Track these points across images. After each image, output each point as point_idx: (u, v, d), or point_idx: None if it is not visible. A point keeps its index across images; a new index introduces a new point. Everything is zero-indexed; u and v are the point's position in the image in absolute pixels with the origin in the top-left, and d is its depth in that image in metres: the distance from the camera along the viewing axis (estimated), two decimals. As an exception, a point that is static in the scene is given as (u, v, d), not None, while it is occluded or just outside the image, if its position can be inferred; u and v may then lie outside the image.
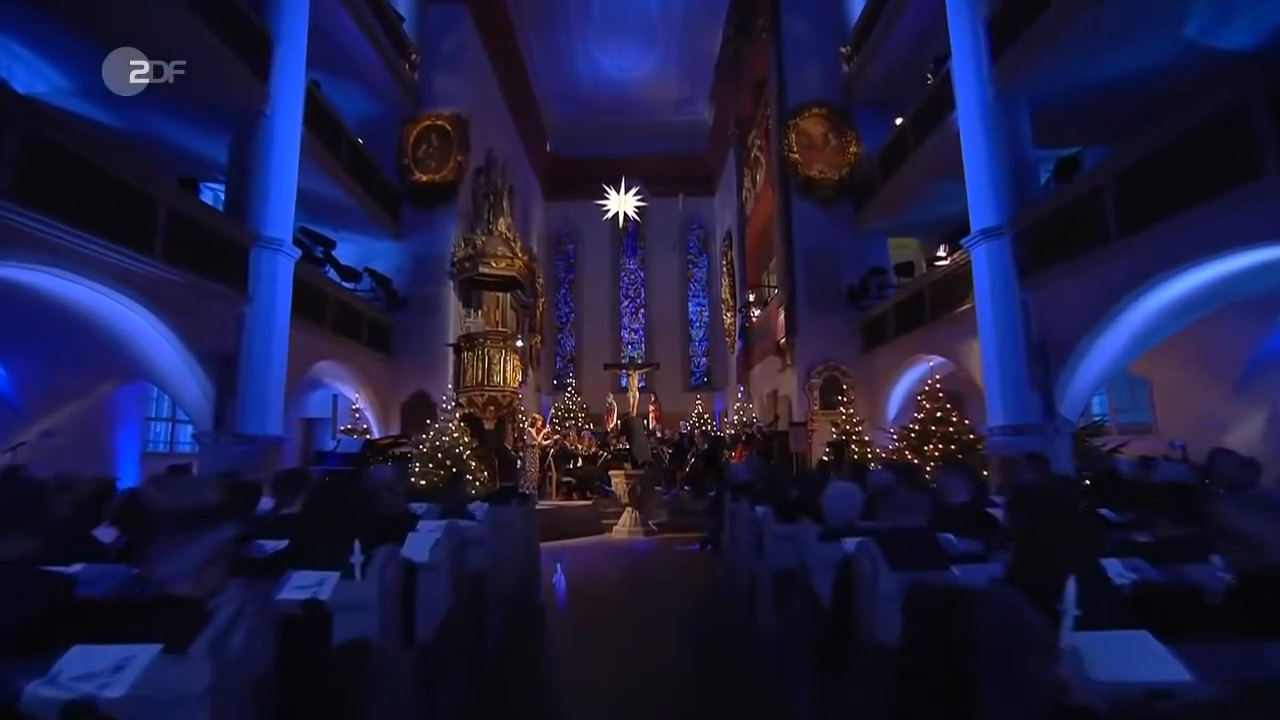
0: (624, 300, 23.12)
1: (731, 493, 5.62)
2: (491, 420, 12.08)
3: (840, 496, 3.16)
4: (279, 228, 8.46)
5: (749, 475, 6.04)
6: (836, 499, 3.15)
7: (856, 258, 13.33)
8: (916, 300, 10.88)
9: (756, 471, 6.06)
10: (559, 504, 10.87)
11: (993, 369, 8.13)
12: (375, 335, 12.21)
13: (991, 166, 8.22)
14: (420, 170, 13.41)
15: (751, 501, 4.85)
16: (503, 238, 12.35)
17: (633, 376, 18.12)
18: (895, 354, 11.92)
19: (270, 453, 8.24)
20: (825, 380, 12.86)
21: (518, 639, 4.87)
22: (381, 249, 13.20)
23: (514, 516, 4.70)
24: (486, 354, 11.79)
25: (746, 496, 5.34)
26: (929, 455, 10.40)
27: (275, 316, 8.35)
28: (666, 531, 10.73)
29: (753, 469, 6.13)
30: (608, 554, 9.02)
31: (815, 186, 13.45)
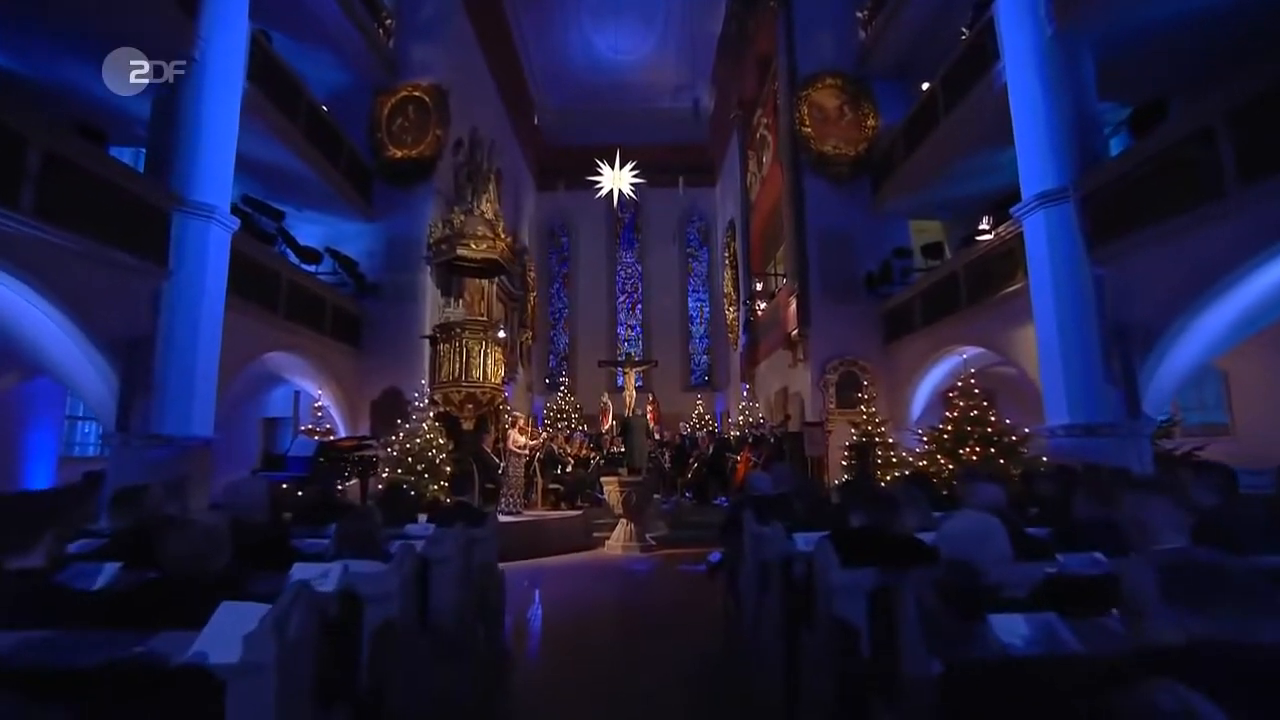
0: (620, 295, 21.78)
1: (755, 511, 4.26)
2: (470, 420, 10.72)
3: (974, 531, 1.83)
4: (212, 192, 7.10)
5: (777, 487, 4.68)
6: (973, 531, 1.81)
7: (875, 241, 12.02)
8: (949, 284, 9.55)
9: (787, 483, 4.69)
10: (544, 515, 9.53)
11: (1053, 359, 6.80)
12: (341, 325, 10.85)
13: (1050, 120, 6.90)
14: (395, 145, 12.06)
15: (788, 527, 3.50)
16: (483, 218, 11.00)
17: (629, 375, 16.71)
18: (922, 346, 10.59)
19: (197, 457, 6.88)
20: (842, 376, 11.53)
21: (467, 702, 3.51)
22: (350, 231, 11.84)
23: (451, 550, 3.34)
24: (464, 345, 10.42)
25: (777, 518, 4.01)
26: (965, 459, 9.09)
27: (205, 296, 6.98)
28: (666, 547, 9.37)
29: (782, 479, 4.76)
30: (597, 576, 7.66)
31: (829, 163, 12.12)
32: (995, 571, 1.76)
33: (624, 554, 8.94)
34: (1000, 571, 1.78)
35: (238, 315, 8.08)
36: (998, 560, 1.76)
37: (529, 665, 4.56)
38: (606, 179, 11.42)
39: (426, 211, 11.82)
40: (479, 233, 10.78)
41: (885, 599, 2.09)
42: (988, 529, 1.79)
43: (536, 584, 7.14)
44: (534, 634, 5.42)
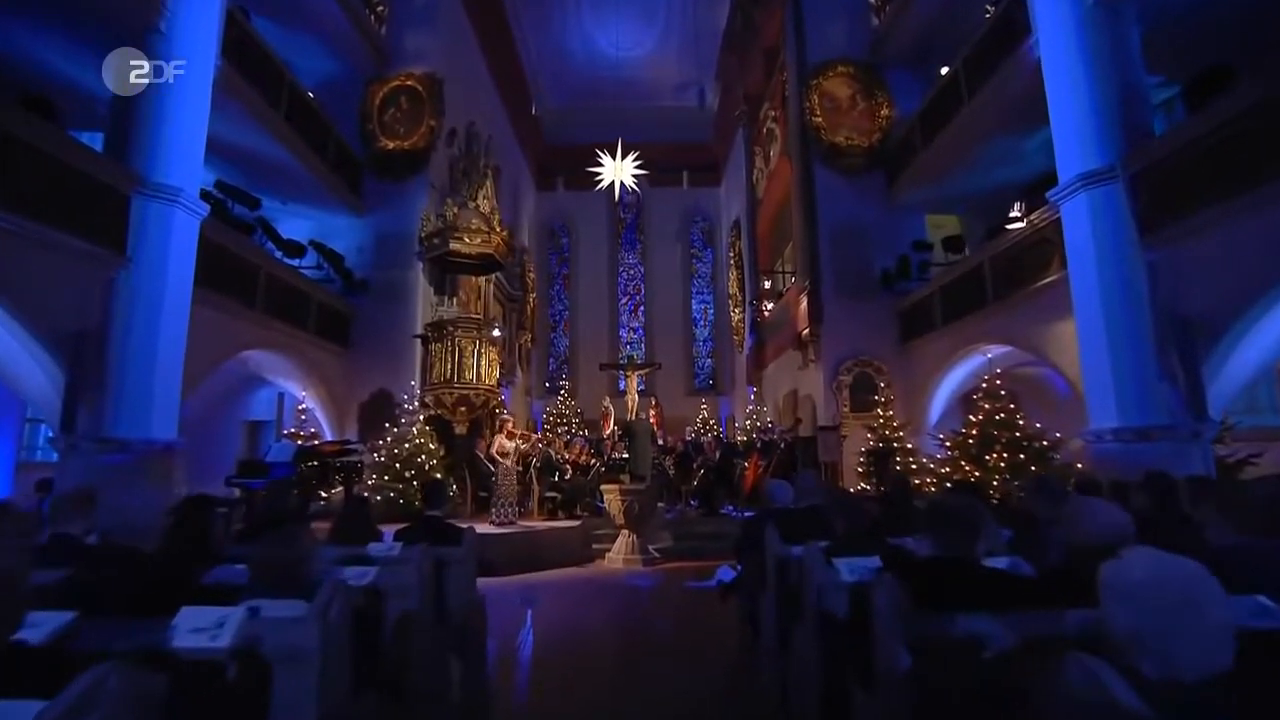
0: (622, 297, 21.15)
1: (780, 528, 3.60)
2: (463, 424, 10.08)
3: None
4: (178, 174, 6.49)
5: (802, 499, 4.00)
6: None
7: (890, 236, 11.38)
8: (973, 279, 8.90)
9: (815, 494, 4.01)
10: (540, 525, 8.86)
11: (1098, 356, 6.13)
12: (328, 323, 10.22)
13: (1092, 95, 6.26)
14: (387, 136, 11.47)
15: (829, 552, 2.84)
16: (478, 211, 10.39)
17: (631, 378, 16.13)
18: (942, 345, 9.93)
19: (158, 463, 6.24)
20: (856, 377, 10.87)
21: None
22: (339, 226, 11.24)
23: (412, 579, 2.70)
24: (457, 345, 9.79)
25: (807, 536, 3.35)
26: (991, 465, 8.43)
27: (168, 287, 6.36)
28: (670, 560, 8.68)
29: (809, 490, 4.07)
30: (595, 594, 6.97)
31: (841, 154, 11.50)
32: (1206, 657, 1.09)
33: (625, 568, 8.26)
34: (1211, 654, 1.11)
35: (210, 310, 7.48)
36: (1217, 639, 1.09)
37: (516, 706, 3.90)
38: (607, 170, 10.81)
39: (419, 206, 11.22)
40: (473, 226, 10.17)
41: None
42: (1194, 586, 1.12)
43: (530, 602, 6.47)
44: (523, 665, 4.75)
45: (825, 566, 2.77)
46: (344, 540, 3.63)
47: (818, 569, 2.77)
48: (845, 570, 2.73)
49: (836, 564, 2.77)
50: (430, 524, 3.73)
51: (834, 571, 2.76)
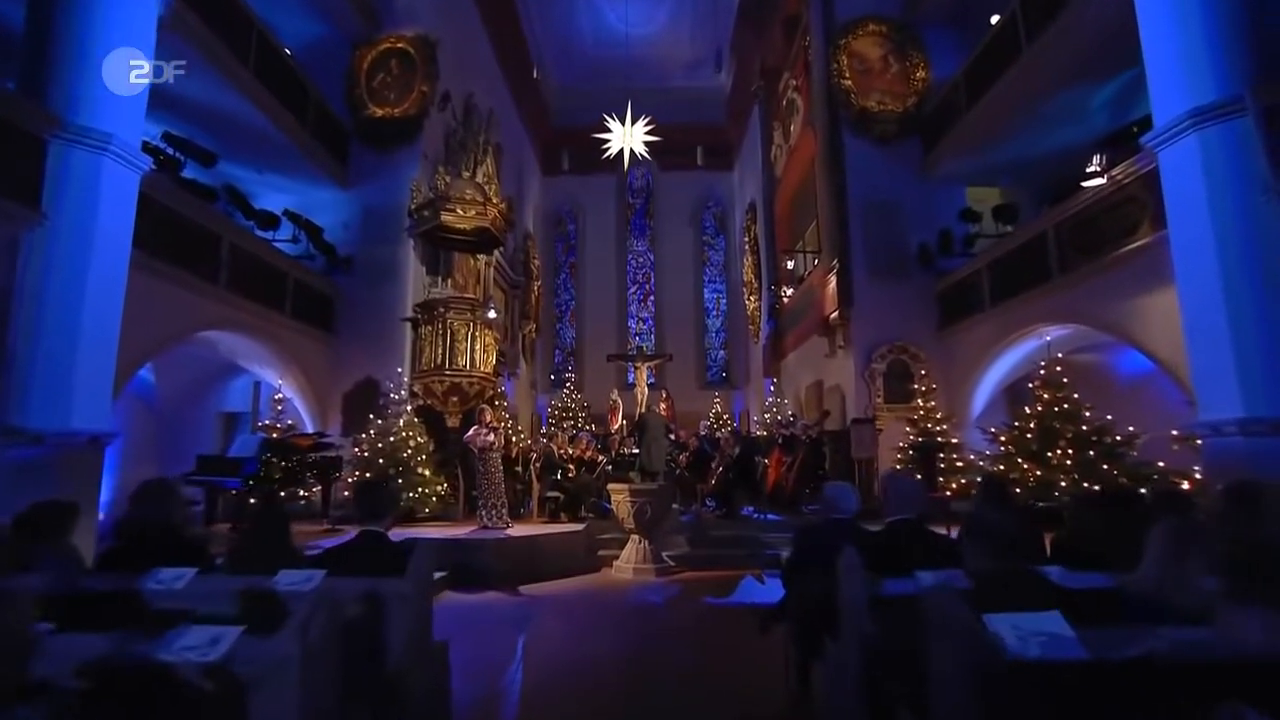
0: (631, 286, 20.01)
1: (865, 553, 2.47)
2: (456, 416, 9.01)
3: None
4: (108, 118, 5.42)
5: (899, 507, 2.79)
6: None
7: (926, 211, 10.22)
8: (1032, 251, 7.73)
9: (917, 503, 2.80)
10: (541, 529, 7.77)
11: (1214, 331, 4.95)
12: (307, 305, 9.18)
13: (1206, 11, 5.07)
14: (375, 103, 10.41)
15: (975, 603, 1.71)
16: (472, 181, 9.30)
17: (641, 370, 15.00)
18: (989, 329, 8.77)
19: (82, 461, 5.19)
20: (890, 365, 9.72)
21: None
22: (323, 199, 10.18)
23: (290, 648, 1.61)
24: (448, 327, 8.73)
25: (911, 565, 2.26)
26: (1054, 463, 7.28)
27: (96, 251, 5.30)
28: (686, 568, 7.58)
29: (906, 496, 2.83)
30: (601, 613, 5.87)
31: (873, 120, 10.33)
32: None
33: (635, 579, 7.16)
34: None
35: (161, 282, 6.45)
36: None
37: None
38: (616, 138, 9.68)
39: (410, 178, 10.12)
40: (467, 196, 9.08)
41: None
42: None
43: (522, 624, 5.38)
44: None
45: (975, 626, 1.65)
46: (246, 566, 2.55)
47: (964, 632, 1.65)
48: (1012, 637, 1.61)
49: (993, 625, 1.65)
50: (368, 543, 2.64)
51: (986, 634, 1.64)
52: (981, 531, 1.85)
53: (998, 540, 1.84)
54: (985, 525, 1.85)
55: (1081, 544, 2.73)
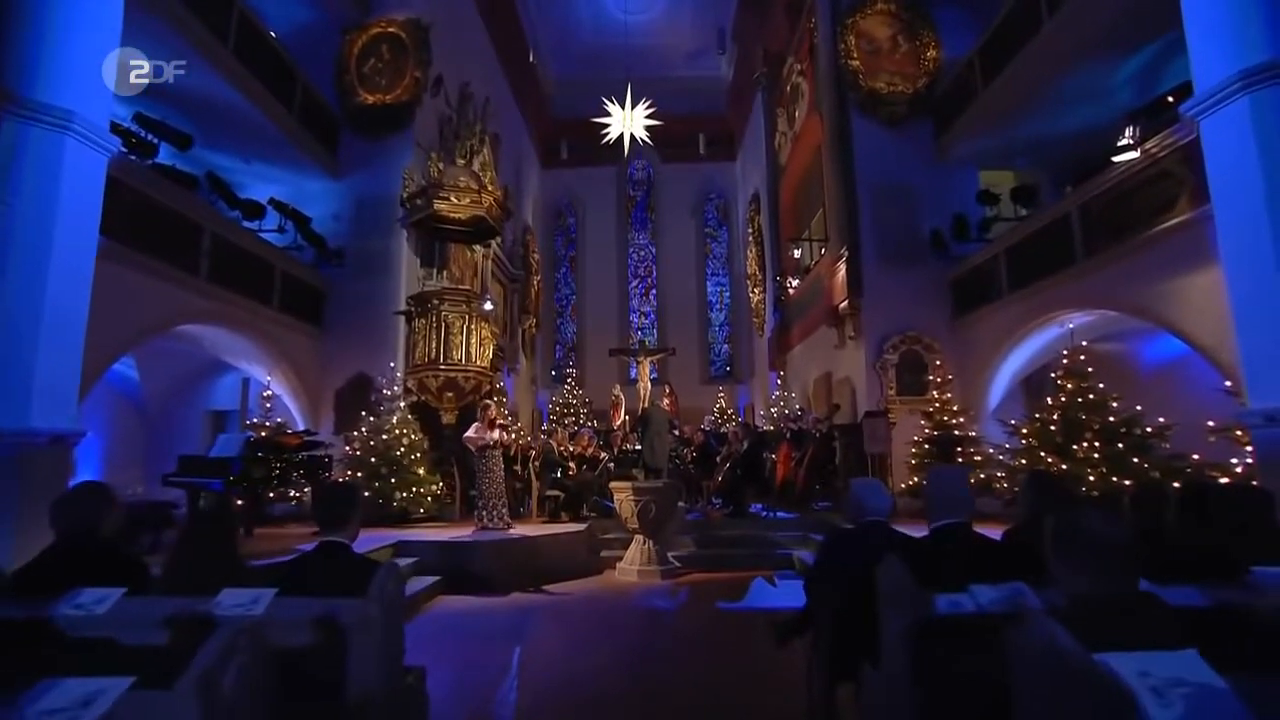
0: (632, 280, 19.61)
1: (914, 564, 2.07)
2: (452, 412, 8.62)
3: None
4: (70, 94, 5.02)
5: (945, 510, 2.33)
6: None
7: (938, 195, 9.78)
8: (1054, 233, 7.31)
9: (966, 504, 2.36)
10: (541, 530, 7.38)
11: (1266, 312, 4.54)
12: (296, 298, 8.80)
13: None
14: (366, 90, 9.99)
15: (1087, 636, 1.30)
16: (467, 168, 8.89)
17: (643, 365, 14.76)
18: (1007, 317, 8.35)
19: (43, 461, 4.80)
20: (903, 356, 9.31)
21: None
22: (313, 190, 9.78)
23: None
24: (442, 320, 8.34)
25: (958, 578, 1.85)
26: (1079, 456, 6.86)
27: (58, 237, 4.90)
28: (694, 569, 7.20)
29: (952, 495, 2.37)
30: (604, 620, 5.48)
31: (882, 102, 9.90)
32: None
33: (640, 582, 6.78)
34: None
35: (134, 272, 6.06)
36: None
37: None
38: (616, 121, 9.29)
39: (402, 167, 9.71)
40: (461, 183, 8.67)
41: None
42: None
43: (519, 633, 4.99)
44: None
45: (1092, 667, 1.25)
46: (182, 584, 2.16)
47: (1077, 677, 1.25)
48: (1145, 691, 1.21)
49: (1117, 670, 1.25)
50: (326, 557, 2.25)
51: (1104, 678, 1.23)
52: (1084, 544, 1.45)
53: (1108, 555, 1.44)
54: (1089, 536, 1.45)
55: (1162, 549, 2.33)
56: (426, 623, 5.34)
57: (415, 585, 5.96)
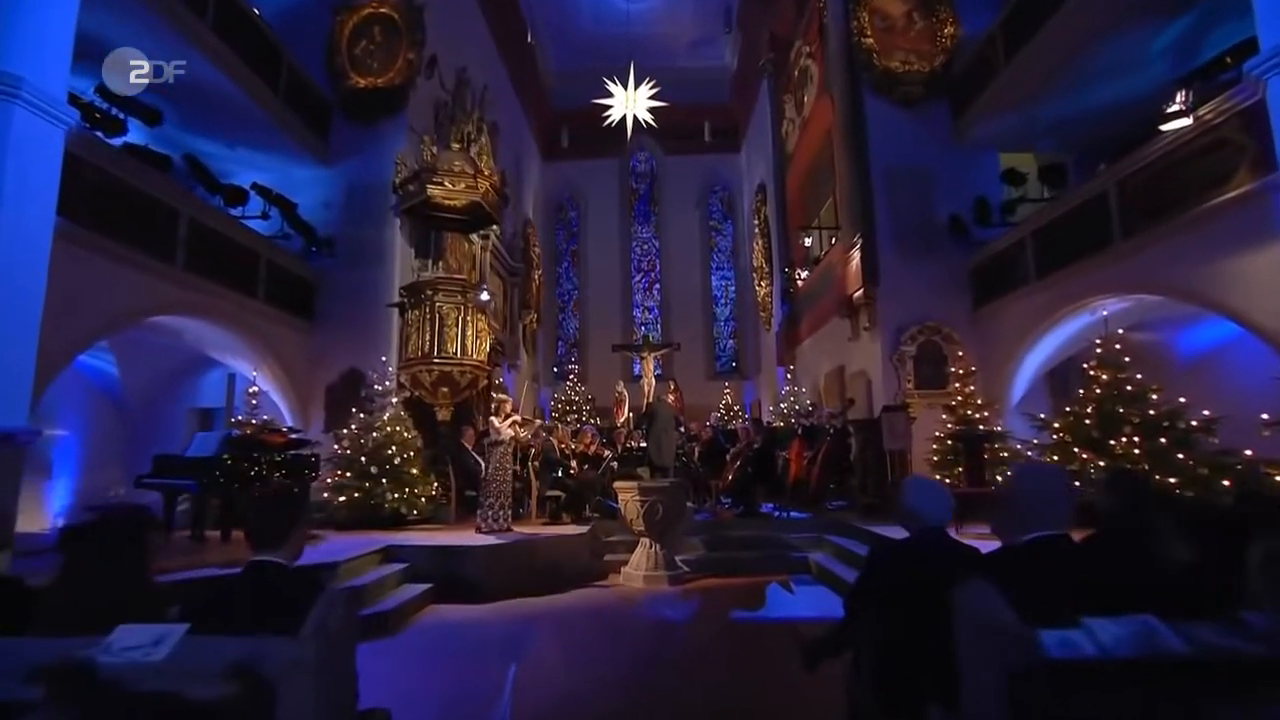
0: (636, 274, 19.12)
1: (1019, 592, 1.57)
2: (447, 408, 8.15)
3: None
4: (20, 60, 4.57)
5: (1040, 518, 1.83)
6: None
7: (956, 179, 9.26)
8: (1088, 214, 6.79)
9: (1062, 514, 1.87)
10: (539, 532, 6.91)
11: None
12: (284, 290, 8.33)
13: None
14: (358, 73, 9.51)
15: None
16: (462, 153, 8.41)
17: (648, 360, 14.29)
18: (1033, 305, 7.84)
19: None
20: (921, 348, 8.81)
21: None
22: (302, 178, 9.30)
23: None
24: (437, 311, 7.87)
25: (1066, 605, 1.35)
26: (1117, 452, 6.35)
27: (5, 218, 4.45)
28: (704, 576, 6.71)
29: (1053, 502, 1.90)
30: (608, 632, 5.00)
31: (897, 82, 9.39)
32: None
33: (646, 588, 6.30)
34: None
35: (100, 259, 5.60)
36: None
37: None
38: (618, 103, 8.80)
39: (396, 152, 9.23)
40: (456, 168, 8.18)
41: None
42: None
43: (515, 647, 4.51)
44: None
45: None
46: (66, 621, 1.68)
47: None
48: None
49: None
50: (257, 583, 1.76)
51: None
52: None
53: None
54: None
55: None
56: (415, 636, 4.87)
57: (405, 594, 5.50)
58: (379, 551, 5.94)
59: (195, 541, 5.89)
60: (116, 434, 8.46)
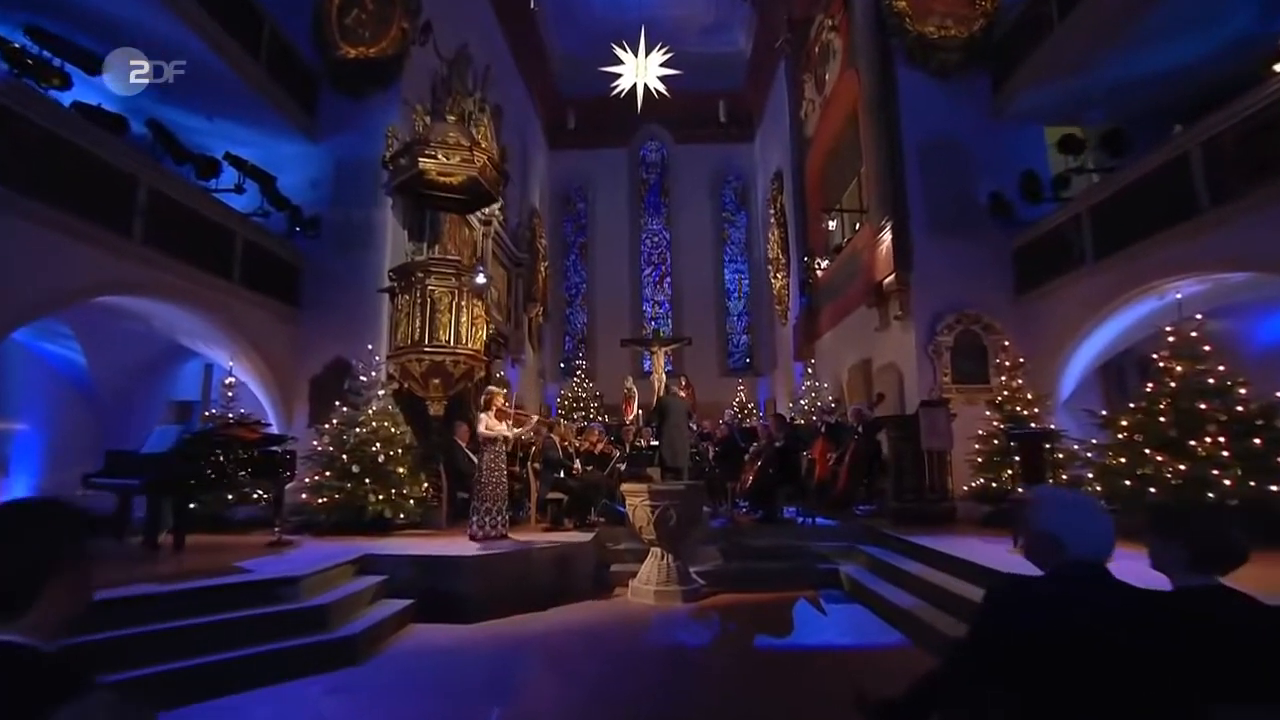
0: (646, 267, 18.31)
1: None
2: (440, 402, 7.38)
3: None
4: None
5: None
6: None
7: (996, 155, 8.40)
8: (1165, 180, 5.91)
9: None
10: (539, 539, 6.11)
11: None
12: (264, 272, 7.60)
13: None
14: (348, 43, 8.76)
15: None
16: (457, 125, 7.64)
17: (658, 356, 13.46)
18: (1090, 289, 6.97)
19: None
20: (959, 338, 7.96)
21: None
22: (288, 155, 8.57)
23: None
24: (428, 295, 7.11)
25: None
26: (1201, 455, 5.49)
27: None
28: (722, 591, 5.90)
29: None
30: (613, 664, 4.19)
31: (932, 49, 8.53)
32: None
33: (657, 605, 5.50)
34: None
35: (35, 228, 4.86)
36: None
37: None
38: (628, 72, 8.02)
39: (388, 126, 8.48)
40: (450, 140, 7.41)
41: None
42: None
43: (501, 688, 3.72)
44: None
45: None
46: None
47: None
48: None
49: None
50: None
51: None
52: None
53: None
54: None
55: None
56: (385, 665, 4.10)
57: (379, 612, 4.73)
58: (354, 561, 5.18)
59: (148, 549, 5.16)
60: (86, 428, 7.76)
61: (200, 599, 3.99)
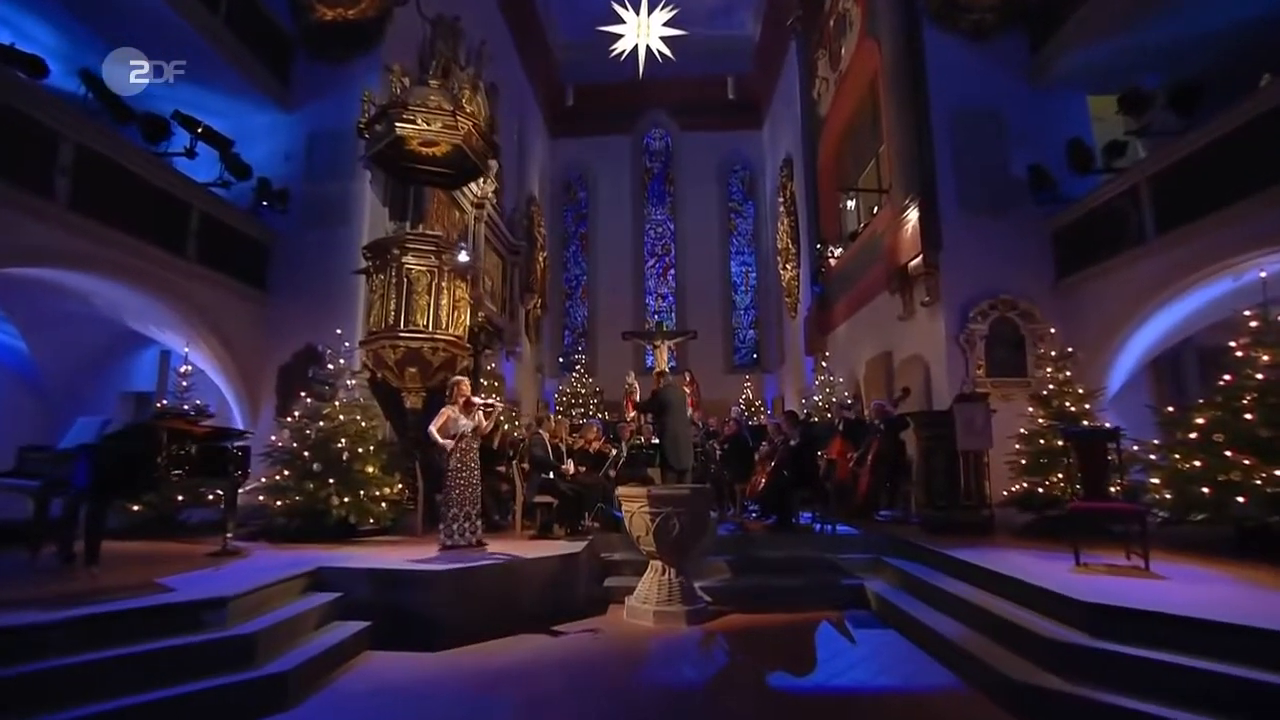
0: (649, 259, 17.50)
1: None
2: (418, 394, 6.59)
3: None
4: None
5: None
6: None
7: (1034, 125, 7.58)
8: (1247, 140, 5.06)
9: None
10: (523, 550, 5.31)
11: None
12: (224, 248, 6.83)
13: None
14: (325, 4, 7.98)
15: None
16: (440, 89, 6.83)
17: (661, 350, 12.79)
18: (1149, 270, 6.13)
19: None
20: (994, 326, 7.12)
21: None
22: (260, 125, 7.81)
23: None
24: (404, 275, 6.31)
25: None
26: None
27: None
28: (731, 611, 5.08)
29: None
30: (604, 707, 3.37)
31: (963, 10, 7.70)
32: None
33: (658, 627, 4.69)
34: None
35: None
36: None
37: None
38: (629, 34, 7.22)
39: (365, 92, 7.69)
40: (431, 102, 6.60)
41: None
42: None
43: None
44: None
45: None
46: None
47: None
48: None
49: None
50: None
51: None
52: None
53: None
54: None
55: None
56: (327, 708, 3.30)
57: (330, 638, 3.94)
58: (305, 575, 4.39)
59: (63, 562, 4.37)
60: (30, 421, 6.99)
61: (93, 627, 3.20)
